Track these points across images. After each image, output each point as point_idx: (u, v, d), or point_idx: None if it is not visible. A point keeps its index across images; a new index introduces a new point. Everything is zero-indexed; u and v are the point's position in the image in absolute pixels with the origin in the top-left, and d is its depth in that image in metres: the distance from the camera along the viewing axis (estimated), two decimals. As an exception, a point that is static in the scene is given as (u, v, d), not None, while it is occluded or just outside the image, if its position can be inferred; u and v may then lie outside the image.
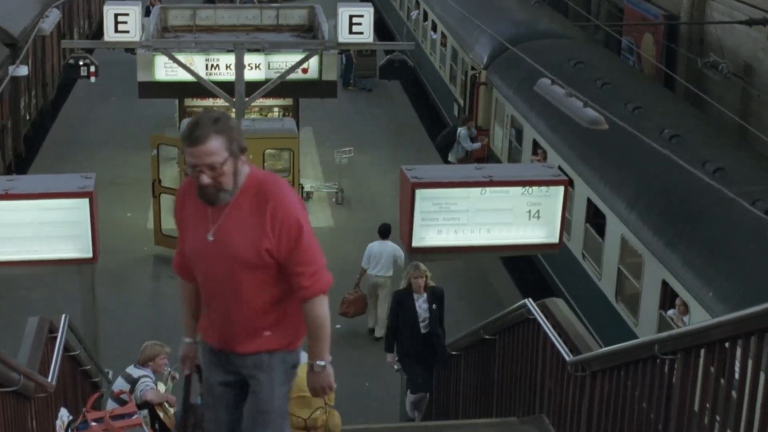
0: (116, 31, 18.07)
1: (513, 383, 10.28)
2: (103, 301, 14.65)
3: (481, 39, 23.16)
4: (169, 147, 19.24)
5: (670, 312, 13.26)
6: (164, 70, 20.22)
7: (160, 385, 10.61)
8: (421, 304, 11.96)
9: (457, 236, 13.07)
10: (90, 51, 19.93)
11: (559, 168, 15.21)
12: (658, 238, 13.87)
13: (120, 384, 10.54)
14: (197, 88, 19.38)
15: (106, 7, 18.21)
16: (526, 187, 13.06)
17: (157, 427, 9.97)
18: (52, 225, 12.45)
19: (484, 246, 13.26)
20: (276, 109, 22.86)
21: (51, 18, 22.26)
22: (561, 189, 13.18)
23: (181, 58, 19.26)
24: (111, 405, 10.01)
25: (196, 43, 20.30)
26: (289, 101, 22.56)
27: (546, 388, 9.23)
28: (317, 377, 5.66)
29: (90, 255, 12.51)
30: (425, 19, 29.93)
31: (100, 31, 18.87)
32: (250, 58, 19.81)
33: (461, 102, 24.72)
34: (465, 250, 13.28)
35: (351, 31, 18.52)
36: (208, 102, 21.10)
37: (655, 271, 13.76)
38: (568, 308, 9.75)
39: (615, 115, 13.60)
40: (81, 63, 18.82)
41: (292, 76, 19.57)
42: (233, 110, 19.12)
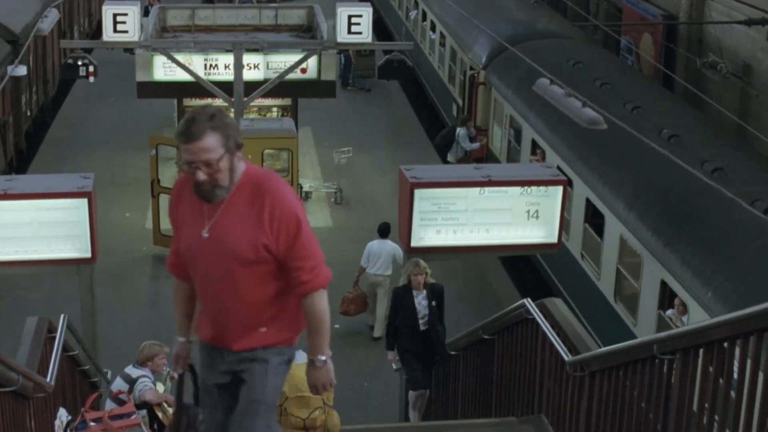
0: (115, 31, 18.08)
1: (512, 383, 10.28)
2: (102, 301, 14.66)
3: (479, 39, 23.15)
4: (168, 147, 19.24)
5: (669, 312, 13.26)
6: (163, 70, 20.22)
7: (159, 385, 10.61)
8: (421, 301, 11.94)
9: (456, 236, 13.07)
10: (89, 51, 19.93)
11: (558, 168, 15.21)
12: (656, 238, 13.87)
13: (119, 384, 10.54)
14: (196, 88, 19.38)
15: (104, 7, 18.20)
16: (525, 187, 13.06)
17: (156, 427, 9.97)
18: (50, 225, 12.44)
19: (483, 246, 13.26)
20: (275, 109, 22.86)
21: (50, 18, 22.30)
22: (560, 189, 13.19)
23: (179, 58, 19.26)
24: (110, 405, 10.01)
25: (194, 43, 20.29)
26: (287, 101, 22.56)
27: (545, 388, 9.23)
28: (318, 372, 5.63)
29: (89, 255, 12.51)
30: (424, 19, 29.92)
31: (99, 30, 18.84)
32: (248, 58, 19.82)
33: (460, 102, 24.71)
34: (464, 250, 13.29)
35: (350, 31, 18.53)
36: (207, 102, 21.09)
37: (653, 271, 13.76)
38: (566, 308, 9.74)
39: (614, 115, 13.59)
40: (80, 63, 18.83)
41: (291, 76, 19.58)
42: (232, 110, 19.14)
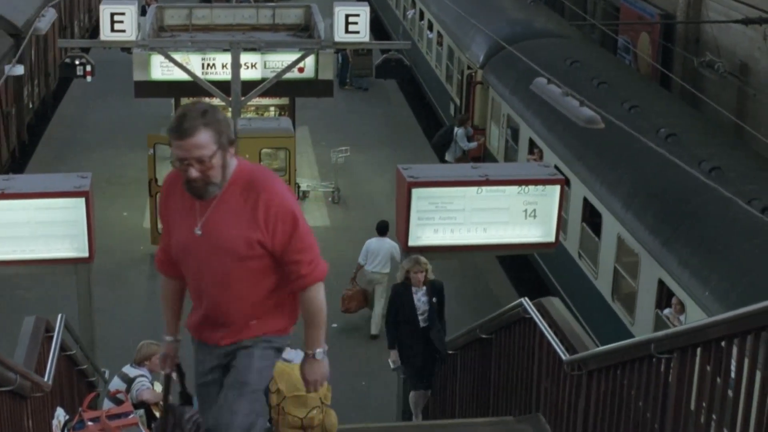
0: (112, 30, 18.10)
1: (509, 382, 10.28)
2: (100, 301, 14.65)
3: (477, 38, 23.16)
4: (166, 146, 19.21)
5: (667, 311, 13.27)
6: (160, 70, 20.21)
7: (157, 385, 10.60)
8: (421, 298, 11.89)
9: (454, 235, 13.08)
10: (86, 50, 19.92)
11: (556, 167, 15.22)
12: (654, 238, 13.88)
13: (116, 383, 10.54)
14: (193, 88, 19.37)
15: (102, 7, 18.22)
16: (523, 187, 13.07)
17: (153, 426, 9.96)
18: (48, 224, 12.44)
19: (481, 245, 13.27)
20: (272, 109, 22.87)
21: (47, 17, 22.28)
22: (557, 188, 13.20)
23: (177, 57, 19.26)
24: (107, 404, 10.00)
25: (192, 43, 20.29)
26: (285, 100, 22.57)
27: (542, 387, 9.23)
28: (317, 366, 5.62)
29: (86, 254, 12.51)
30: (421, 18, 29.93)
31: (98, 27, 18.85)
32: (246, 58, 19.82)
33: (457, 101, 24.72)
34: (461, 249, 13.29)
35: (347, 31, 18.54)
36: (205, 101, 21.07)
37: (651, 270, 13.77)
38: (564, 307, 9.73)
39: (611, 115, 13.59)
40: (77, 62, 18.82)
41: (289, 76, 19.57)
42: (230, 109, 19.14)
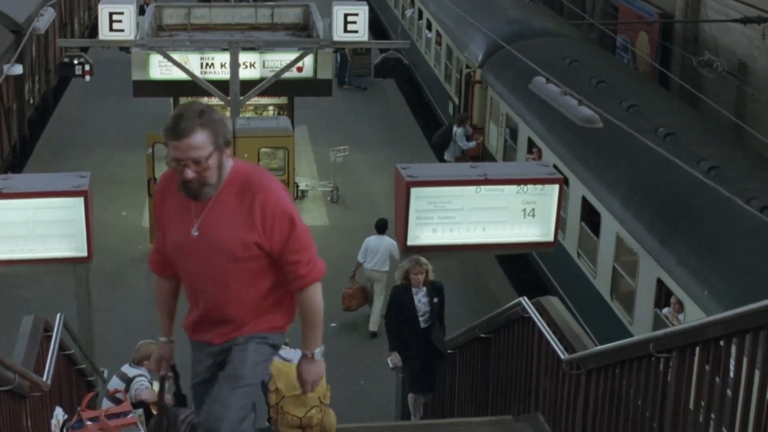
0: (111, 29, 18.11)
1: (508, 381, 10.28)
2: (98, 300, 14.65)
3: (475, 37, 23.15)
4: (165, 146, 19.21)
5: (665, 310, 13.27)
6: (159, 69, 20.21)
7: (156, 384, 10.60)
8: (421, 299, 11.84)
9: (453, 235, 13.06)
10: (85, 49, 19.92)
11: (554, 166, 15.22)
12: (653, 237, 13.88)
13: (115, 383, 10.54)
14: (192, 87, 19.37)
15: (100, 6, 18.23)
16: (521, 186, 13.05)
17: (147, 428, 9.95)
18: (46, 224, 12.43)
19: (480, 244, 13.25)
20: (271, 108, 22.86)
21: (46, 17, 22.29)
22: (556, 187, 13.18)
23: (176, 56, 19.26)
24: (106, 404, 10.00)
25: (190, 42, 20.28)
26: (284, 100, 22.56)
27: (541, 387, 9.23)
28: (315, 366, 5.62)
29: (85, 254, 12.50)
30: (420, 17, 29.93)
31: (95, 29, 18.89)
32: (245, 57, 19.82)
33: (456, 100, 24.72)
34: (460, 248, 13.28)
35: (346, 30, 18.55)
36: (203, 101, 21.08)
37: (650, 270, 13.77)
38: (563, 306, 9.74)
39: (610, 114, 13.60)
40: (76, 62, 18.82)
41: (287, 75, 19.58)
42: (228, 109, 19.14)
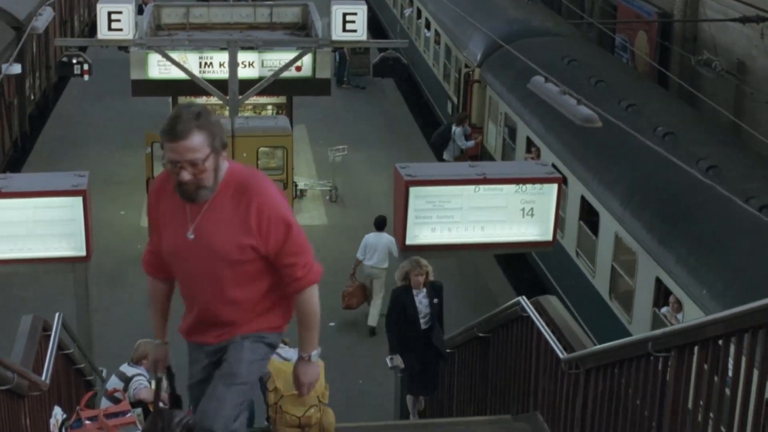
0: (110, 29, 18.10)
1: (507, 381, 10.28)
2: (97, 300, 14.65)
3: (474, 37, 23.16)
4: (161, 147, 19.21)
5: (664, 309, 13.27)
6: (158, 68, 20.20)
7: (154, 384, 10.60)
8: (422, 300, 11.82)
9: (451, 234, 13.06)
10: (84, 49, 19.91)
11: (553, 166, 15.22)
12: (651, 236, 13.88)
13: (114, 382, 10.54)
14: (191, 86, 19.37)
15: (99, 6, 18.22)
16: (520, 185, 13.05)
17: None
18: (45, 223, 12.42)
19: (478, 244, 13.25)
20: (269, 107, 22.85)
21: (44, 16, 22.28)
22: (555, 187, 13.18)
23: (174, 56, 19.25)
24: (105, 403, 10.00)
25: (189, 41, 20.27)
26: (282, 99, 22.55)
27: (540, 386, 9.23)
28: (311, 368, 5.63)
29: (83, 253, 12.49)
30: (419, 16, 29.93)
31: (95, 27, 18.90)
32: (243, 56, 19.81)
33: (455, 100, 24.73)
34: (459, 248, 13.28)
35: (344, 29, 18.55)
36: (202, 100, 21.08)
37: (648, 269, 13.77)
38: (562, 306, 9.74)
39: (608, 113, 13.60)
40: (74, 61, 18.81)
41: (286, 74, 19.58)
42: (227, 108, 19.14)
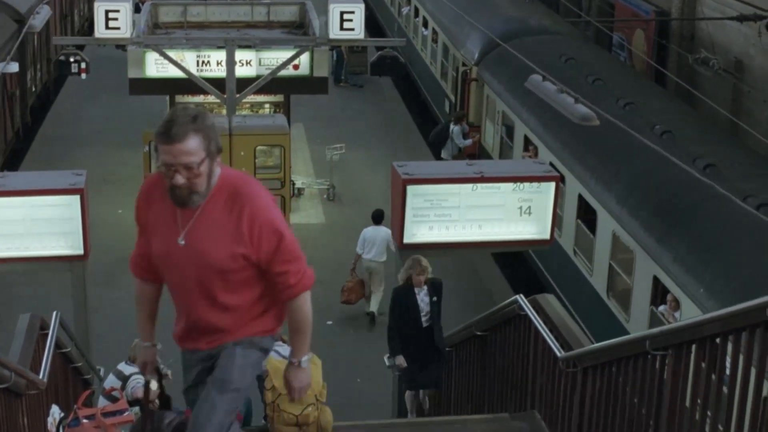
0: (107, 27, 18.08)
1: (505, 379, 10.29)
2: (95, 298, 14.62)
3: (472, 35, 23.16)
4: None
5: (662, 308, 13.28)
6: (155, 67, 20.18)
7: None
8: (423, 298, 11.84)
9: (449, 232, 13.06)
10: (81, 47, 19.90)
11: (551, 164, 15.22)
12: (649, 234, 13.89)
13: (111, 381, 10.53)
14: (188, 85, 19.36)
15: (96, 4, 18.21)
16: (518, 184, 13.04)
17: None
18: (42, 222, 12.41)
19: (476, 242, 13.25)
20: (267, 106, 22.84)
21: (42, 15, 22.32)
22: (552, 185, 13.17)
23: (172, 54, 19.24)
24: (102, 402, 9.99)
25: (187, 40, 20.26)
26: (280, 97, 22.53)
27: (538, 384, 9.24)
28: (302, 373, 5.62)
29: (81, 252, 12.48)
30: (416, 15, 29.92)
31: (91, 26, 18.89)
32: (241, 55, 19.80)
33: (452, 98, 24.73)
34: (456, 246, 13.27)
35: (342, 28, 18.55)
36: (199, 98, 21.08)
37: (646, 267, 13.78)
38: (559, 304, 9.75)
39: (606, 112, 13.61)
40: (72, 60, 18.80)
41: (283, 73, 19.56)
42: (224, 107, 19.13)
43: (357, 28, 18.62)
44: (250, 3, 23.16)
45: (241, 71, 19.44)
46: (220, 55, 19.52)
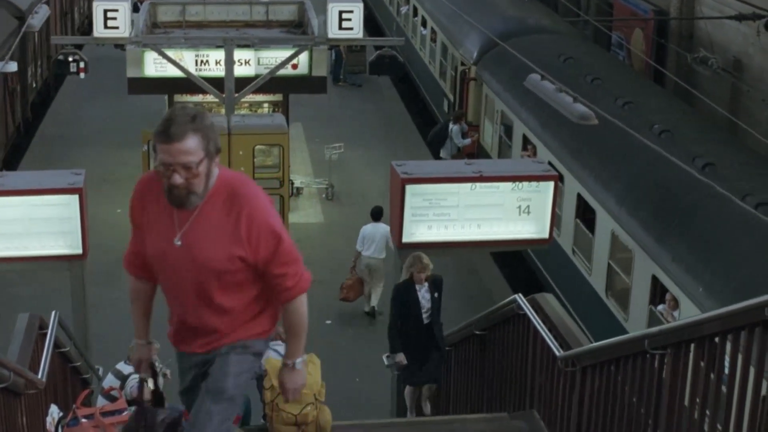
0: (105, 27, 18.07)
1: (503, 378, 10.29)
2: (93, 298, 14.61)
3: (470, 34, 23.15)
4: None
5: (660, 307, 13.28)
6: (154, 66, 20.17)
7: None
8: (424, 294, 11.86)
9: (448, 232, 13.05)
10: (80, 47, 19.88)
11: (549, 163, 15.22)
12: (647, 234, 13.89)
13: (110, 380, 10.53)
14: (187, 84, 19.35)
15: (95, 3, 18.20)
16: (516, 183, 13.04)
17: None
18: (41, 221, 12.40)
19: (475, 241, 13.25)
20: (266, 105, 22.83)
21: (40, 14, 22.31)
22: (551, 184, 13.17)
23: (170, 54, 19.23)
24: (101, 401, 9.99)
25: (185, 39, 20.25)
26: (278, 97, 22.52)
27: (536, 384, 9.23)
28: (297, 375, 5.62)
29: (80, 251, 12.47)
30: (415, 14, 29.92)
31: (92, 24, 18.88)
32: (239, 54, 19.79)
33: (451, 98, 24.73)
34: (455, 245, 13.27)
35: (341, 27, 18.53)
36: (198, 98, 21.07)
37: (645, 267, 13.78)
38: (558, 303, 9.76)
39: (605, 111, 13.60)
40: (70, 59, 18.79)
41: (282, 72, 19.55)
42: (223, 106, 19.12)
43: (356, 28, 18.60)
44: (249, 2, 23.14)
45: (239, 71, 19.43)
46: (219, 55, 19.51)
